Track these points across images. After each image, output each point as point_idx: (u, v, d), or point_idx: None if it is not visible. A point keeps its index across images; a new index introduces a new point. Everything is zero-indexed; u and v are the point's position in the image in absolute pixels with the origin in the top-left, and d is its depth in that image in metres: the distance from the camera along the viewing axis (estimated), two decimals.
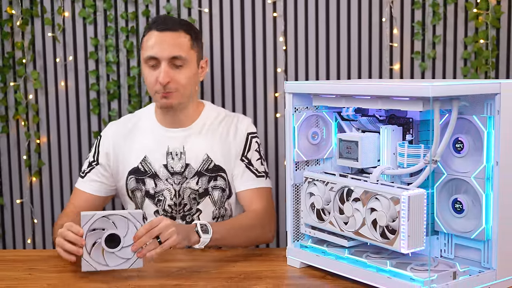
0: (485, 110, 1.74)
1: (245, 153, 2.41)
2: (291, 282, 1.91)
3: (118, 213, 1.92)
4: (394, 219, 1.73)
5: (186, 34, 2.32)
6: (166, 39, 2.29)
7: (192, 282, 1.88)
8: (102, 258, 1.92)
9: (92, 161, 2.45)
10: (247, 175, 2.40)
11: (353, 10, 2.91)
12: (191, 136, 2.40)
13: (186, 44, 2.31)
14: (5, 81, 2.96)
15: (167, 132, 2.40)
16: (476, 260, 1.82)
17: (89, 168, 2.44)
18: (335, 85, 1.89)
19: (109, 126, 2.49)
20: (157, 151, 2.38)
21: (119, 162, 2.42)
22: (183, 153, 2.37)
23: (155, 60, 2.29)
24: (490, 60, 2.87)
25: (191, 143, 2.39)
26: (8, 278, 1.94)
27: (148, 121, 2.44)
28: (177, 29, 2.31)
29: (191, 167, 2.37)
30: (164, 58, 2.28)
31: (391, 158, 1.89)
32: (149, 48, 2.30)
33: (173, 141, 2.38)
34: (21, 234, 3.08)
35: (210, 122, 2.44)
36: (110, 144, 2.43)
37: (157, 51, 2.28)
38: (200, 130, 2.41)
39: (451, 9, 2.90)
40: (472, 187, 1.77)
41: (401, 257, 1.86)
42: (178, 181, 2.37)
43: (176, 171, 2.37)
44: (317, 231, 2.00)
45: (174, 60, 2.28)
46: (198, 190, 2.37)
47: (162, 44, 2.28)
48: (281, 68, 2.94)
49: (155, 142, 2.39)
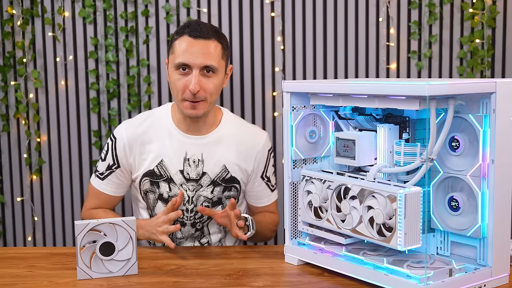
0: (481, 109, 1.75)
1: (265, 171, 2.45)
2: (288, 279, 1.92)
3: (111, 221, 1.91)
4: (391, 216, 1.73)
5: (218, 43, 2.30)
6: (200, 46, 2.25)
7: (190, 279, 1.89)
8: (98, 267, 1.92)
9: (112, 164, 2.40)
10: (264, 192, 2.48)
11: (350, 10, 2.92)
12: (210, 144, 2.38)
13: (217, 53, 2.28)
14: (5, 80, 2.96)
15: (186, 138, 2.37)
16: (472, 257, 1.83)
17: (109, 171, 2.41)
18: (332, 84, 1.90)
19: (123, 126, 2.43)
20: (174, 157, 2.36)
21: (135, 162, 2.39)
22: (201, 160, 2.36)
23: (187, 66, 2.26)
24: (486, 59, 2.87)
25: (209, 151, 2.37)
26: (8, 275, 1.95)
27: (165, 123, 2.40)
28: (210, 37, 2.28)
29: (208, 175, 2.36)
30: (196, 66, 2.24)
31: (388, 156, 1.90)
32: (181, 53, 2.26)
33: (191, 147, 2.36)
34: (21, 232, 3.09)
35: (228, 133, 2.41)
36: (126, 145, 2.38)
37: (189, 58, 2.24)
38: (219, 140, 2.39)
39: (447, 9, 2.91)
40: (468, 185, 1.78)
41: (398, 254, 1.87)
42: (192, 188, 2.36)
43: (192, 178, 2.36)
44: (314, 229, 2.01)
45: (205, 68, 2.25)
46: (212, 198, 2.37)
47: (195, 52, 2.25)
48: (279, 67, 2.94)
49: (173, 147, 2.37)
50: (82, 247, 1.90)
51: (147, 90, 2.95)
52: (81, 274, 1.90)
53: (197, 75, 2.24)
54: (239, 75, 2.95)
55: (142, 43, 2.94)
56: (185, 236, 2.40)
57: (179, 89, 2.27)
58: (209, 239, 2.42)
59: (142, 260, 2.05)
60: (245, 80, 2.96)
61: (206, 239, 2.42)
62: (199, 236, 2.41)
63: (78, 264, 1.90)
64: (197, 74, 2.24)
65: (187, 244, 2.41)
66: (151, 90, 2.94)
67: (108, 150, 2.41)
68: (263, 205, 2.49)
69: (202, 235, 2.42)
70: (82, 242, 1.89)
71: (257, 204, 2.48)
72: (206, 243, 2.42)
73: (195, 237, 2.41)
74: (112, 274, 1.92)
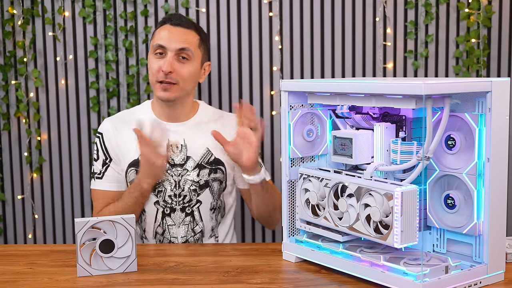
0: (477, 108, 1.75)
1: None
2: (286, 276, 1.92)
3: (110, 219, 1.92)
4: (388, 214, 1.73)
5: (196, 34, 2.41)
6: (177, 32, 2.37)
7: (189, 276, 1.89)
8: (98, 264, 1.92)
9: (105, 159, 2.44)
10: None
11: (347, 10, 2.94)
12: (190, 130, 2.44)
13: (194, 42, 2.38)
14: (6, 79, 2.97)
15: (166, 126, 2.40)
16: (467, 254, 1.83)
17: (105, 168, 2.44)
18: (329, 83, 1.90)
19: (105, 122, 2.49)
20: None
21: (120, 154, 2.43)
22: (183, 146, 2.41)
23: (163, 49, 2.35)
24: (482, 59, 2.89)
25: (190, 136, 2.42)
26: (9, 272, 1.95)
27: (145, 114, 2.45)
28: (189, 27, 2.39)
29: (192, 159, 2.40)
30: (171, 49, 2.34)
31: (385, 154, 1.90)
32: (159, 37, 2.36)
33: (173, 134, 2.40)
34: (22, 229, 3.10)
35: (207, 119, 2.48)
36: (112, 137, 2.44)
37: (165, 41, 2.34)
38: (198, 125, 2.45)
39: (443, 9, 2.92)
40: (464, 183, 1.78)
41: (395, 251, 1.87)
42: (178, 173, 2.39)
43: (177, 163, 2.39)
44: (312, 226, 2.01)
45: (180, 52, 2.34)
46: (199, 182, 2.39)
47: (172, 36, 2.35)
48: (277, 66, 2.96)
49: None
50: (82, 244, 1.90)
51: (146, 89, 2.96)
52: (81, 271, 1.91)
53: (171, 57, 2.34)
54: (237, 75, 2.96)
55: (141, 42, 2.95)
56: (176, 223, 2.41)
57: (154, 71, 2.36)
58: (202, 227, 2.43)
59: (141, 257, 2.05)
60: (244, 79, 2.97)
61: (199, 227, 2.42)
62: (191, 223, 2.42)
63: (78, 261, 1.90)
64: (171, 56, 2.34)
65: (180, 232, 2.42)
66: (150, 89, 2.96)
67: (98, 147, 2.46)
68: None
69: (194, 222, 2.42)
70: (82, 239, 1.90)
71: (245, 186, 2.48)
72: (199, 232, 2.43)
73: (186, 224, 2.42)
74: (111, 271, 1.93)
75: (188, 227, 2.41)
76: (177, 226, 2.41)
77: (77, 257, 1.90)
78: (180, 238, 2.41)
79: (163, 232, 2.41)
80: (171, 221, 2.40)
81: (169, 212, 2.39)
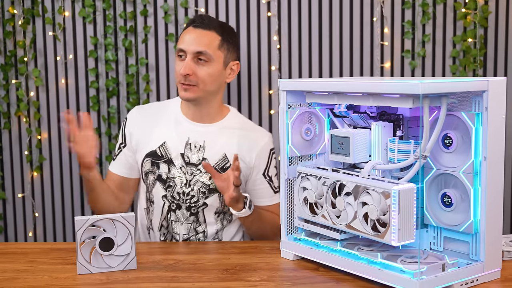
0: (473, 107, 1.76)
1: (267, 170, 2.48)
2: (284, 274, 1.93)
3: (110, 217, 1.92)
4: (385, 212, 1.74)
5: (217, 35, 2.40)
6: (196, 35, 2.38)
7: (188, 274, 1.90)
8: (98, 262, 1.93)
9: (121, 143, 2.51)
10: (268, 191, 2.49)
11: (345, 10, 2.94)
12: (213, 133, 2.44)
13: (213, 44, 2.38)
14: (7, 78, 2.97)
15: (190, 125, 2.44)
16: (464, 252, 1.84)
17: (118, 151, 2.51)
18: (327, 82, 1.91)
19: (134, 109, 2.55)
20: (177, 140, 2.42)
21: (139, 142, 2.46)
22: (202, 147, 2.41)
23: (183, 52, 2.37)
24: (478, 58, 2.90)
25: (211, 139, 2.43)
26: (9, 270, 1.95)
27: (173, 110, 2.50)
28: (210, 28, 2.39)
29: (207, 162, 2.40)
30: (189, 52, 2.35)
31: (382, 153, 1.91)
32: (181, 41, 2.39)
33: (194, 134, 2.43)
34: (22, 227, 3.10)
35: (232, 126, 2.48)
36: (135, 124, 2.49)
37: (184, 45, 2.37)
38: (222, 130, 2.45)
39: (440, 9, 2.93)
40: (461, 182, 1.79)
41: (392, 249, 1.87)
42: (191, 172, 2.40)
43: (192, 162, 2.40)
44: (310, 225, 2.02)
45: (198, 55, 2.35)
46: (209, 185, 2.40)
47: (191, 39, 2.37)
48: (275, 66, 2.96)
49: (177, 131, 2.44)
50: (82, 242, 1.91)
51: (146, 88, 2.97)
52: (81, 269, 1.92)
53: (190, 60, 2.35)
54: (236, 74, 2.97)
55: (141, 42, 2.96)
56: (180, 220, 2.43)
57: (177, 73, 2.40)
58: (205, 229, 2.44)
59: (140, 255, 2.06)
60: (242, 78, 2.98)
61: (202, 228, 2.43)
62: (194, 222, 2.43)
63: (78, 259, 1.91)
64: (189, 59, 2.36)
65: (182, 230, 2.43)
66: (149, 88, 2.97)
67: (120, 130, 2.53)
68: (265, 204, 2.49)
69: (198, 222, 2.43)
70: (82, 237, 1.91)
71: (258, 203, 2.48)
72: (201, 232, 2.44)
73: (190, 222, 2.43)
74: (111, 269, 1.94)
75: (191, 226, 2.43)
76: (180, 223, 2.42)
77: (77, 255, 1.91)
78: (182, 235, 2.42)
79: (168, 226, 2.43)
80: (175, 217, 2.42)
81: (175, 208, 2.41)
